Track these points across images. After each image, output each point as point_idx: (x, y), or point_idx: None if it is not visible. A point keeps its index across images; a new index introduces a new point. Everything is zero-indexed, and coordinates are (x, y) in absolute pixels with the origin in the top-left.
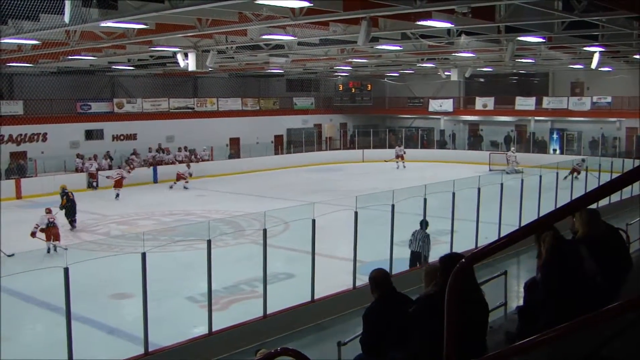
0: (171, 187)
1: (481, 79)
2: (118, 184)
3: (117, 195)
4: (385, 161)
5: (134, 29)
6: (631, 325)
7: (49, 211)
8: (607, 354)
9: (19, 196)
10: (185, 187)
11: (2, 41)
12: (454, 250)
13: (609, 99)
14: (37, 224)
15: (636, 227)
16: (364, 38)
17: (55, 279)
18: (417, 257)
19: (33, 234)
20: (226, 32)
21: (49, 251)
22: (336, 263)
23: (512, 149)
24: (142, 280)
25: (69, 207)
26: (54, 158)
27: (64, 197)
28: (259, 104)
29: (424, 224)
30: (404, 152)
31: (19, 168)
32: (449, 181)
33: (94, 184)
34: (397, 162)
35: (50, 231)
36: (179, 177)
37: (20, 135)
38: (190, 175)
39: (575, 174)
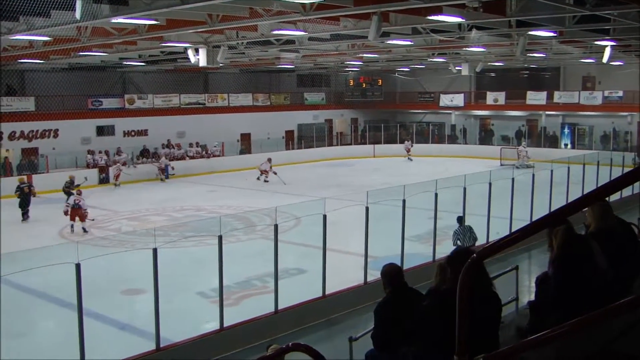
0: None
1: (492, 74)
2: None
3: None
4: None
5: (145, 24)
6: None
7: (79, 193)
8: (618, 349)
9: (33, 193)
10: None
11: (13, 38)
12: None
13: (620, 93)
14: (67, 203)
15: None
16: (374, 33)
17: (67, 275)
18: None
19: (65, 212)
20: (237, 28)
21: (72, 229)
22: (347, 258)
23: (523, 143)
24: (154, 275)
25: (22, 200)
26: (66, 154)
27: (18, 192)
28: (270, 100)
29: (460, 219)
30: (412, 146)
31: (30, 164)
32: (460, 176)
33: (105, 178)
34: (408, 156)
35: (76, 212)
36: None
37: (32, 131)
38: (173, 168)
39: None
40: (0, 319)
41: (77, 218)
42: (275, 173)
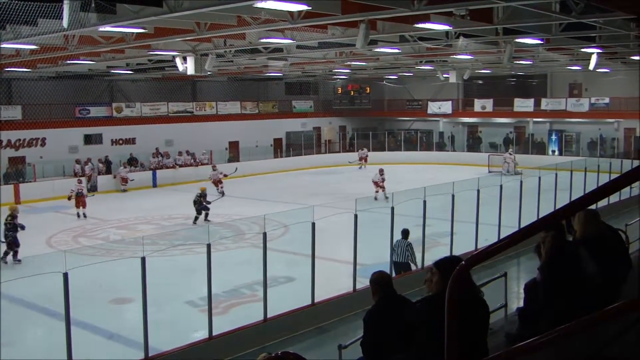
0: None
1: (480, 81)
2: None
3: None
4: (349, 163)
5: (133, 33)
6: (632, 325)
7: (79, 182)
8: (608, 355)
9: (17, 201)
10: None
11: (0, 46)
12: (453, 253)
13: (607, 100)
14: (72, 190)
15: (635, 227)
16: (362, 41)
17: (54, 284)
18: (402, 267)
19: (69, 198)
20: (225, 36)
21: (78, 216)
22: (336, 266)
23: (510, 150)
24: (142, 284)
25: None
26: (53, 163)
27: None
28: (258, 108)
29: (405, 233)
30: (367, 155)
31: (17, 173)
32: (448, 183)
33: (93, 187)
34: (360, 164)
35: (79, 199)
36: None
37: (19, 140)
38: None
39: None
40: None
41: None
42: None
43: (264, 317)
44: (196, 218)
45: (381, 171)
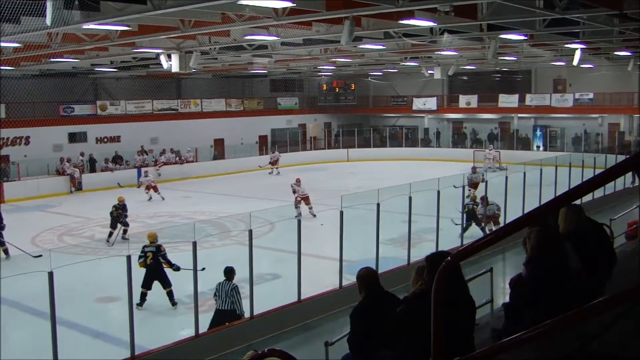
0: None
1: (464, 77)
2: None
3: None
4: (260, 167)
5: (117, 30)
6: (617, 320)
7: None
8: (595, 350)
9: (1, 200)
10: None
11: None
12: (439, 249)
13: (590, 96)
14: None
15: (620, 222)
16: (347, 37)
17: (39, 283)
18: (227, 316)
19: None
20: (209, 33)
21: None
22: (322, 263)
23: (490, 146)
24: (128, 283)
25: None
26: (37, 161)
27: None
28: (243, 105)
29: (229, 272)
30: (279, 158)
31: (1, 172)
32: (433, 179)
33: (72, 189)
34: (272, 168)
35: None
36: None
37: (2, 139)
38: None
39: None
40: None
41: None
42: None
43: (251, 315)
44: (110, 234)
45: (298, 181)
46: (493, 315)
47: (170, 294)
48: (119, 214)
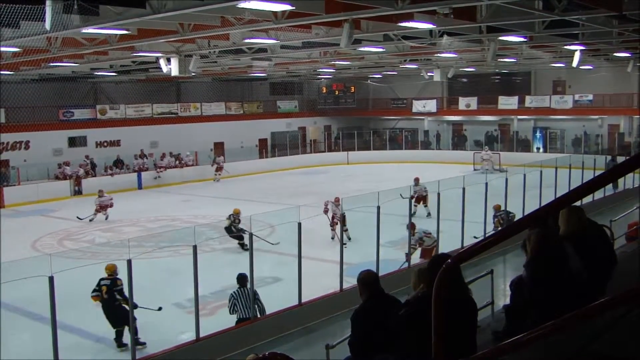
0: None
1: (464, 79)
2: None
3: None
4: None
5: (116, 34)
6: (617, 321)
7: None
8: (595, 351)
9: (1, 205)
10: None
11: None
12: (440, 251)
13: (590, 97)
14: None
15: (620, 223)
16: (346, 40)
17: (40, 287)
18: None
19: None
20: (209, 37)
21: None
22: (323, 266)
23: (486, 147)
24: (128, 287)
25: None
26: (37, 166)
27: None
28: (243, 108)
29: (244, 279)
30: (223, 164)
31: (1, 176)
32: (433, 182)
33: (78, 190)
34: (215, 176)
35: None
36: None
37: (2, 143)
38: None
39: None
40: None
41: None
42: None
43: (252, 318)
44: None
45: (337, 201)
46: (494, 317)
47: (119, 334)
48: None
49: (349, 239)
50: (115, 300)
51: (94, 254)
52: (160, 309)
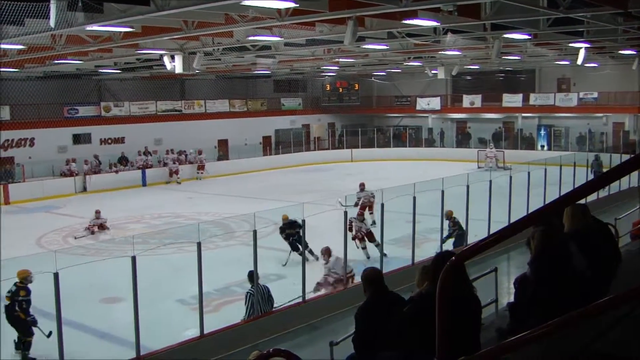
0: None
1: (468, 77)
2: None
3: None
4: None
5: (120, 32)
6: (621, 319)
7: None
8: (599, 349)
9: (7, 202)
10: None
11: None
12: (444, 249)
13: (595, 95)
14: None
15: (625, 221)
16: (350, 38)
17: (45, 284)
18: None
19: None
20: (212, 34)
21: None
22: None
23: (490, 145)
24: (133, 284)
25: None
26: (42, 163)
27: None
28: (247, 105)
29: (254, 276)
30: (204, 162)
31: (6, 173)
32: (437, 179)
33: (85, 185)
34: (198, 173)
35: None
36: None
37: (7, 140)
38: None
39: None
40: None
41: None
42: None
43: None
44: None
45: (362, 185)
46: (498, 315)
47: (19, 342)
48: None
49: (374, 222)
50: (14, 310)
51: (98, 251)
52: (50, 334)
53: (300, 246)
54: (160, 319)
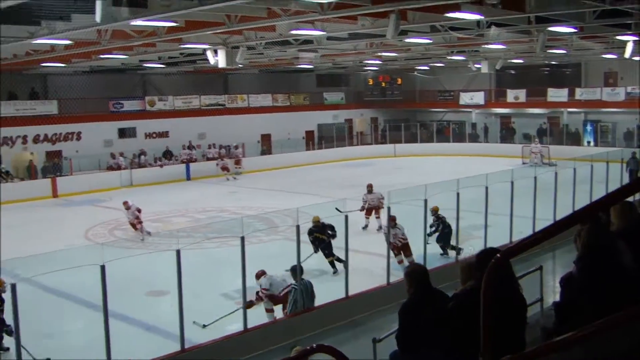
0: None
1: (512, 71)
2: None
3: None
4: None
5: (164, 26)
6: None
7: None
8: None
9: (55, 194)
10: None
11: (35, 42)
12: (488, 245)
13: None
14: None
15: None
16: (392, 31)
17: (92, 276)
18: None
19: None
20: (255, 28)
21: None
22: (370, 259)
23: (536, 140)
24: (177, 277)
25: None
26: (89, 157)
27: None
28: (290, 100)
29: (298, 270)
30: (241, 157)
31: (54, 167)
32: (481, 175)
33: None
34: (231, 174)
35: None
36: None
37: (55, 134)
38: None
39: None
40: (20, 320)
41: None
42: None
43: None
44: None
45: (370, 187)
46: (543, 314)
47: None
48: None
49: (380, 227)
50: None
51: (144, 244)
52: (7, 349)
53: (324, 253)
54: (204, 312)
